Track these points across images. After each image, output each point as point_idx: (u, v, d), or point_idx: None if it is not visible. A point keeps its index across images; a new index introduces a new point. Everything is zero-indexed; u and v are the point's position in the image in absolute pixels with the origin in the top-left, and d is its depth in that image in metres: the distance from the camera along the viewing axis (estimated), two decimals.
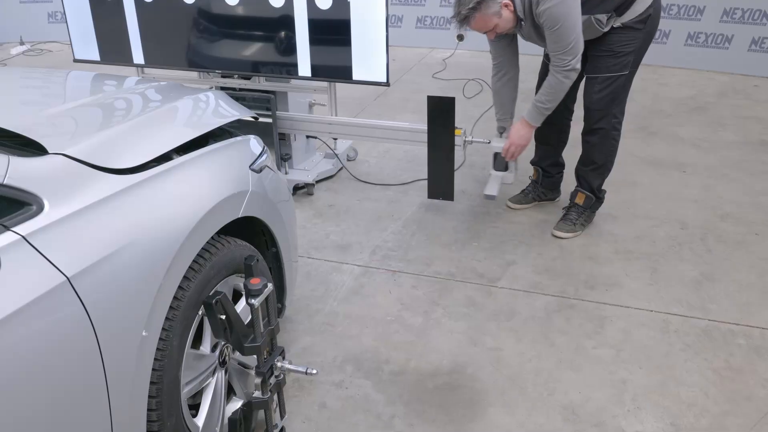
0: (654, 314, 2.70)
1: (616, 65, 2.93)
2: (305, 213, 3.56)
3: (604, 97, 2.99)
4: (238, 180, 1.98)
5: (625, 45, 2.89)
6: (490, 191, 3.23)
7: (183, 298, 1.70)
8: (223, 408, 2.00)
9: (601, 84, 2.97)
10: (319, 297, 2.86)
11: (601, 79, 2.98)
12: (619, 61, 2.92)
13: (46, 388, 1.32)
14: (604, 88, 2.97)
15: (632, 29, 2.86)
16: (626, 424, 2.16)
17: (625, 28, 2.86)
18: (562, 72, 2.83)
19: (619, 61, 2.92)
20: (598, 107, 3.02)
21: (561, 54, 2.79)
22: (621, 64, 2.93)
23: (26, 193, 1.40)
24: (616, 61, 2.92)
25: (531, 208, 3.56)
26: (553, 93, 2.91)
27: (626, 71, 2.97)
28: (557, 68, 2.83)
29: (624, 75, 2.97)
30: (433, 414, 2.23)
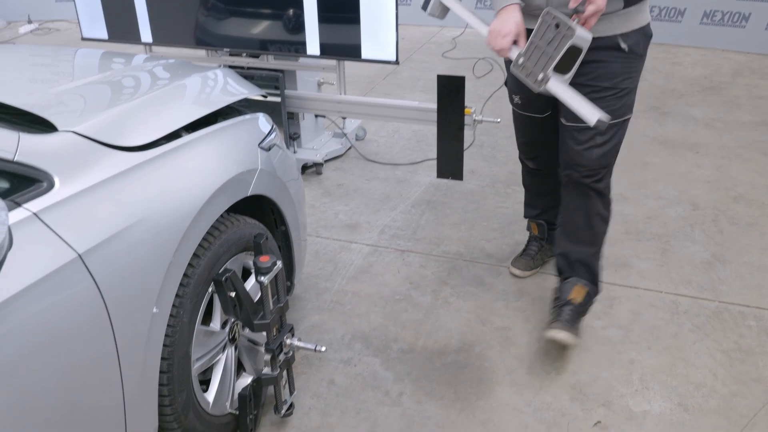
0: (663, 295, 2.69)
1: (622, 108, 2.20)
2: (314, 192, 3.56)
3: (609, 150, 2.25)
4: (247, 158, 1.98)
5: (628, 79, 2.18)
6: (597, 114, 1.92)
7: (193, 275, 1.71)
8: (233, 384, 2.02)
9: (604, 134, 2.21)
10: (327, 276, 2.86)
11: (605, 129, 2.19)
12: (623, 103, 2.19)
13: (59, 364, 1.33)
14: (610, 138, 2.22)
15: (635, 56, 2.15)
16: (634, 404, 2.17)
17: (629, 54, 2.13)
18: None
19: (624, 102, 2.19)
20: (602, 164, 2.26)
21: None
22: (627, 106, 2.22)
23: (37, 170, 1.40)
24: (621, 102, 2.18)
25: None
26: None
27: (631, 113, 2.26)
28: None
29: (629, 118, 2.26)
30: (441, 392, 2.24)
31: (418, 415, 2.15)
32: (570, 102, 1.96)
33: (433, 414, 2.15)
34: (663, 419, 2.10)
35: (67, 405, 1.36)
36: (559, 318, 2.33)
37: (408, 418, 2.14)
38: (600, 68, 2.13)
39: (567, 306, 2.35)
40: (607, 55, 2.12)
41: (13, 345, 1.22)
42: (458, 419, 2.13)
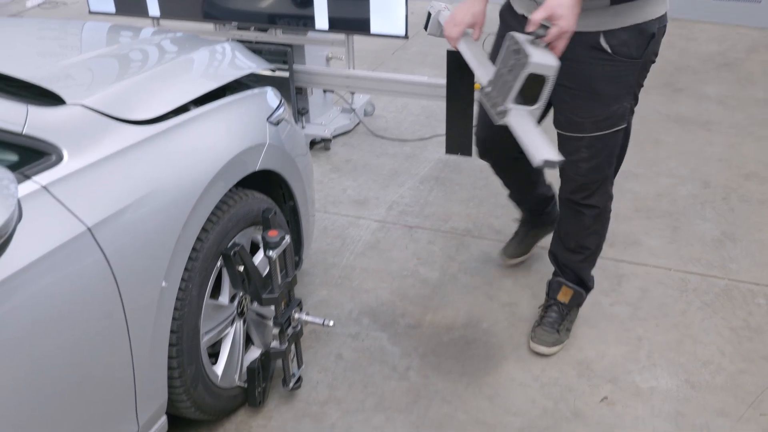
0: (673, 273, 2.68)
1: (611, 118, 1.91)
2: (322, 168, 3.56)
3: (599, 164, 2.00)
4: (256, 132, 1.97)
5: (617, 83, 1.86)
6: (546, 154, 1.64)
7: (201, 249, 1.72)
8: (241, 357, 2.03)
9: (591, 147, 1.96)
10: (335, 251, 2.87)
11: (590, 141, 1.95)
12: (612, 111, 1.90)
13: (69, 336, 1.34)
14: (597, 152, 1.97)
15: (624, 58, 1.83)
16: (641, 380, 2.17)
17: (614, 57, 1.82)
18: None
19: (613, 110, 1.90)
20: (592, 179, 2.05)
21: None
22: (617, 116, 1.92)
23: (45, 143, 1.40)
24: (608, 110, 1.90)
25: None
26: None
27: (623, 123, 1.96)
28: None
29: (621, 129, 1.98)
30: (449, 366, 2.25)
31: (425, 389, 2.16)
32: (521, 136, 1.69)
33: (440, 388, 2.16)
34: (670, 395, 2.11)
35: (77, 377, 1.38)
36: (542, 322, 2.29)
37: (415, 392, 2.15)
38: (577, 68, 1.85)
39: (554, 306, 2.31)
40: (587, 55, 1.83)
41: (23, 317, 1.23)
42: (465, 394, 2.14)
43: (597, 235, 2.21)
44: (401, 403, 2.11)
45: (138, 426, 1.61)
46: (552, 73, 1.68)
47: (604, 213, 2.17)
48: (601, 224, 2.20)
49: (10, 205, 1.07)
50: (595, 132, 1.93)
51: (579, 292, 2.28)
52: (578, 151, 1.97)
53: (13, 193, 1.10)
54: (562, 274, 2.29)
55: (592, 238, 2.21)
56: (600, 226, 2.20)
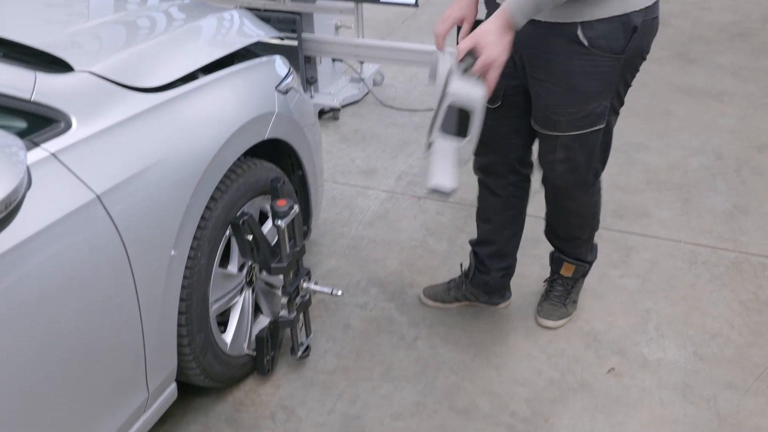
0: (682, 245, 2.67)
1: (589, 116, 1.76)
2: (330, 138, 3.54)
3: (576, 165, 1.87)
4: (264, 101, 1.96)
5: (594, 81, 1.71)
6: (439, 180, 1.63)
7: (210, 218, 1.72)
8: (250, 326, 2.05)
9: (566, 147, 1.83)
10: (344, 221, 2.87)
11: (567, 140, 1.82)
12: (590, 110, 1.74)
13: (79, 304, 1.35)
14: (573, 153, 1.84)
15: (604, 53, 1.67)
16: (648, 352, 2.17)
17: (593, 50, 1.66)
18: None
19: (591, 109, 1.74)
20: (569, 181, 1.92)
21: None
22: (595, 115, 1.76)
23: (54, 110, 1.39)
24: (586, 109, 1.74)
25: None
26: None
27: (602, 124, 1.79)
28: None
29: (600, 129, 1.81)
30: (456, 337, 2.26)
31: (432, 359, 2.17)
32: (432, 160, 1.64)
33: (447, 358, 2.17)
34: (677, 367, 2.11)
35: (88, 344, 1.39)
36: (548, 296, 2.30)
37: (423, 362, 2.16)
38: (553, 62, 1.72)
39: (558, 280, 2.29)
40: (563, 48, 1.68)
41: (33, 284, 1.24)
42: (472, 364, 2.15)
43: (584, 227, 2.14)
44: (409, 373, 2.12)
45: (148, 392, 1.62)
46: (476, 105, 1.60)
47: (588, 208, 2.08)
48: (588, 217, 2.12)
49: (19, 172, 1.06)
50: (571, 131, 1.79)
51: (581, 265, 2.25)
52: (554, 151, 1.86)
53: (22, 160, 1.09)
54: (560, 250, 2.26)
55: (581, 231, 2.15)
56: (587, 219, 2.12)
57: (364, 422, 1.95)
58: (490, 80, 1.60)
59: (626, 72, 1.76)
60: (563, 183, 1.94)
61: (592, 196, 2.05)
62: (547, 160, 1.89)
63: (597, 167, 1.96)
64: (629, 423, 1.93)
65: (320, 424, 1.95)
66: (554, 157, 1.87)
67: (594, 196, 2.06)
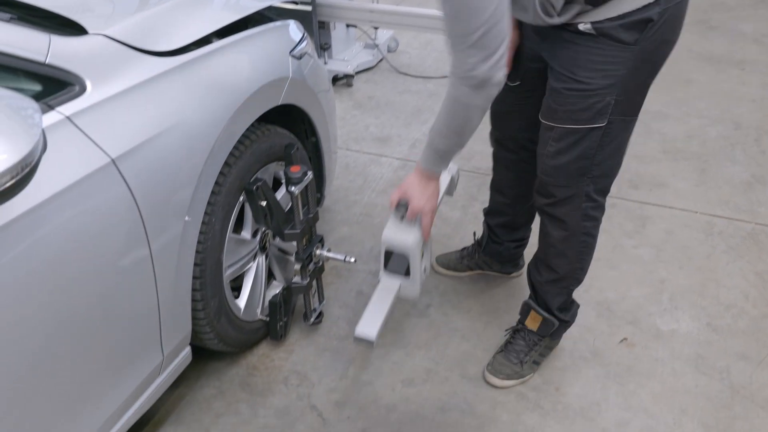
0: (699, 216, 2.64)
1: (587, 111, 1.59)
2: (344, 104, 3.52)
3: (565, 164, 1.68)
4: (278, 66, 1.94)
5: (601, 71, 1.54)
6: (362, 330, 1.75)
7: (224, 183, 1.72)
8: (263, 291, 2.06)
9: (559, 141, 1.67)
10: (357, 188, 2.86)
11: (560, 133, 1.66)
12: (590, 104, 1.58)
13: (95, 267, 1.36)
14: (565, 149, 1.67)
15: (614, 42, 1.50)
16: (661, 323, 2.17)
17: (600, 39, 1.51)
18: (462, 84, 1.48)
19: (591, 103, 1.58)
20: (556, 180, 1.73)
21: (461, 48, 1.42)
22: (594, 110, 1.58)
23: (68, 73, 1.38)
24: (585, 102, 1.58)
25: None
26: (451, 122, 1.59)
27: (602, 122, 1.60)
28: (455, 78, 1.49)
29: (599, 128, 1.61)
30: (468, 305, 2.26)
31: (444, 326, 2.18)
32: (369, 304, 1.79)
33: (459, 326, 2.18)
34: (690, 338, 2.11)
35: (103, 307, 1.40)
36: (506, 348, 2.02)
37: (435, 329, 2.17)
38: (559, 49, 1.60)
39: (521, 332, 2.02)
40: (569, 36, 1.55)
41: (49, 247, 1.24)
42: (484, 332, 2.16)
43: (565, 258, 1.85)
44: (421, 340, 2.13)
45: (163, 356, 1.64)
46: (408, 250, 1.74)
47: (576, 237, 1.80)
48: (572, 249, 1.83)
49: (34, 135, 1.06)
50: (565, 124, 1.63)
51: (549, 320, 1.94)
52: (546, 144, 1.71)
53: (37, 123, 1.09)
54: (533, 295, 1.99)
55: (559, 261, 1.86)
56: (570, 250, 1.83)
57: (375, 388, 1.97)
58: (425, 225, 1.74)
59: (643, 67, 1.55)
60: (549, 180, 1.74)
61: (584, 219, 1.77)
62: (540, 152, 1.74)
63: (596, 180, 1.71)
64: (641, 392, 1.93)
65: (332, 389, 1.97)
66: (545, 150, 1.71)
67: (586, 222, 1.78)
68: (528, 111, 1.83)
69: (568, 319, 1.98)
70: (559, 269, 1.87)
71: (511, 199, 2.13)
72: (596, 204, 1.76)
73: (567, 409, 1.89)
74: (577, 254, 1.84)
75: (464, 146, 1.65)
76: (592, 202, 1.74)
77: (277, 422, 1.87)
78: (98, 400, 1.46)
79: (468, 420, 1.87)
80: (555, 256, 1.86)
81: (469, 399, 1.93)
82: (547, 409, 1.89)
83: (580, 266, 1.88)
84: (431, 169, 1.68)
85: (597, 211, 1.78)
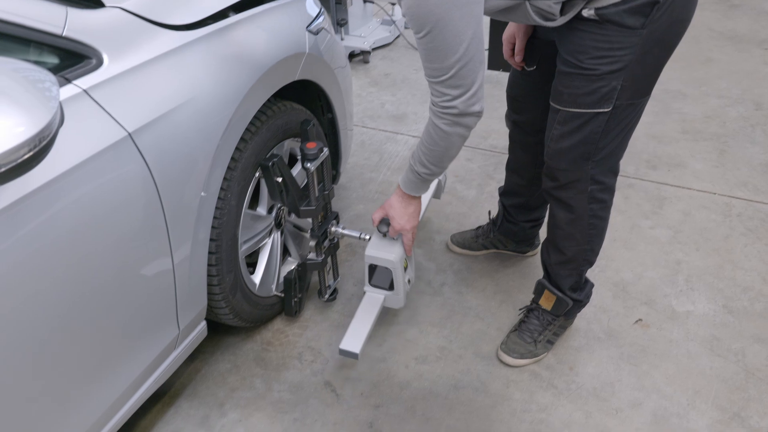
0: (717, 197, 2.62)
1: (591, 95, 1.56)
2: (360, 81, 3.50)
3: (568, 148, 1.67)
4: (295, 41, 1.92)
5: (606, 57, 1.50)
6: (347, 344, 1.87)
7: (240, 159, 1.71)
8: (278, 267, 2.06)
9: (563, 124, 1.65)
10: (373, 166, 2.85)
11: (565, 117, 1.64)
12: (594, 88, 1.55)
13: (112, 241, 1.36)
14: (569, 132, 1.65)
15: (619, 27, 1.46)
16: (677, 304, 2.16)
17: (605, 25, 1.47)
18: (441, 115, 1.53)
19: (596, 87, 1.55)
20: (559, 164, 1.71)
21: (437, 82, 1.48)
22: (599, 95, 1.55)
23: (85, 46, 1.38)
24: (590, 86, 1.55)
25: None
26: (433, 148, 1.62)
27: (607, 107, 1.57)
28: (434, 107, 1.55)
29: (605, 113, 1.59)
30: (483, 284, 2.26)
31: (458, 305, 2.18)
32: (354, 318, 1.93)
33: (473, 305, 2.18)
34: (706, 320, 2.09)
35: (120, 280, 1.41)
36: (520, 327, 2.02)
37: (449, 307, 2.17)
38: (566, 35, 1.56)
39: (535, 312, 2.03)
40: (575, 22, 1.52)
41: (66, 220, 1.25)
42: (498, 311, 2.16)
43: (573, 240, 1.83)
44: (435, 318, 2.14)
45: (179, 330, 1.66)
46: (390, 265, 1.89)
47: (583, 220, 1.78)
48: (580, 231, 1.81)
49: (52, 107, 1.06)
50: (570, 107, 1.61)
51: (562, 299, 1.94)
52: (552, 127, 1.69)
53: (55, 96, 1.09)
54: (546, 275, 1.99)
55: (567, 243, 1.85)
56: (578, 233, 1.82)
57: (389, 365, 1.98)
58: (406, 243, 1.89)
59: (653, 50, 1.50)
60: (552, 164, 1.73)
61: (590, 201, 1.75)
62: (547, 135, 1.72)
63: (601, 162, 1.69)
64: (654, 373, 1.93)
65: (346, 366, 1.98)
66: (550, 133, 1.69)
67: (593, 204, 1.76)
68: (545, 95, 1.78)
69: (581, 299, 1.97)
70: (567, 251, 1.86)
71: (527, 181, 2.12)
72: (603, 186, 1.74)
73: (580, 389, 1.89)
74: (586, 236, 1.82)
75: (445, 170, 1.73)
76: (598, 185, 1.73)
77: (290, 397, 1.89)
78: (115, 372, 1.47)
79: (481, 398, 1.87)
80: (563, 238, 1.85)
81: (483, 377, 1.93)
82: (561, 389, 1.89)
83: (590, 248, 1.86)
84: (410, 191, 1.78)
85: (605, 193, 1.76)
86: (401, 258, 1.90)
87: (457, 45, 1.39)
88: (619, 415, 1.81)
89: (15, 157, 1.01)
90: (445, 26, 1.37)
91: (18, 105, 1.03)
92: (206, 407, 1.86)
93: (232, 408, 1.85)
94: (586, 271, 1.93)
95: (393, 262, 1.88)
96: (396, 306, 2.01)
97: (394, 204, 1.83)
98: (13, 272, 1.15)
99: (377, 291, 1.98)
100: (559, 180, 1.74)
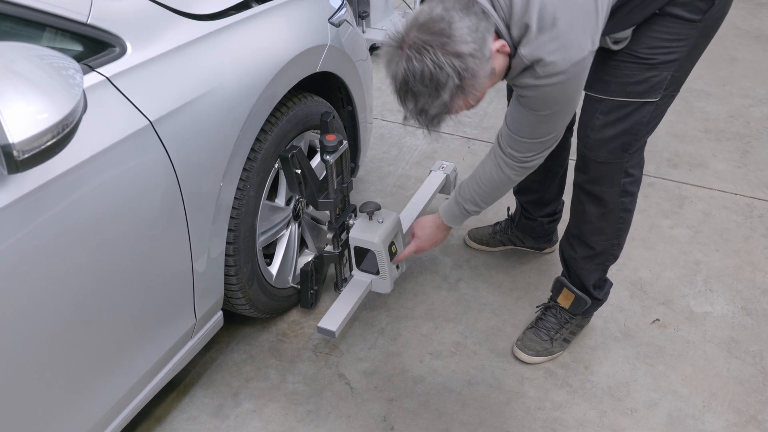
0: (738, 198, 2.58)
1: (642, 84, 1.55)
2: (381, 74, 3.48)
3: (611, 138, 1.65)
4: (317, 33, 1.92)
5: (664, 47, 1.51)
6: (326, 323, 1.91)
7: (260, 150, 1.72)
8: (295, 259, 2.07)
9: (607, 114, 1.62)
10: (391, 159, 2.85)
11: (610, 106, 1.61)
12: (646, 77, 1.54)
13: (131, 228, 1.37)
14: (612, 122, 1.62)
15: (680, 20, 1.47)
16: (695, 305, 2.14)
17: (667, 17, 1.48)
18: (515, 166, 1.65)
19: (648, 76, 1.54)
20: (598, 154, 1.69)
21: (528, 141, 1.58)
22: (650, 84, 1.55)
23: (109, 34, 1.38)
24: (642, 75, 1.54)
25: None
26: (491, 190, 1.75)
27: (656, 97, 1.57)
28: (511, 160, 1.64)
29: (651, 103, 1.58)
30: (499, 280, 2.25)
31: (474, 301, 2.18)
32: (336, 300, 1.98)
33: (489, 301, 2.17)
34: (724, 321, 2.07)
35: (138, 268, 1.42)
36: (536, 325, 2.01)
37: (465, 303, 2.17)
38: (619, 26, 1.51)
39: (552, 309, 2.01)
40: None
41: (87, 207, 1.25)
42: (514, 308, 2.15)
43: (603, 234, 1.82)
44: (450, 313, 2.13)
45: (195, 319, 1.66)
46: (374, 247, 1.91)
47: (614, 213, 1.78)
48: (610, 225, 1.81)
49: (76, 95, 1.07)
50: (619, 96, 1.58)
51: (582, 298, 1.93)
52: (592, 118, 1.65)
53: (78, 83, 1.09)
54: (565, 272, 1.98)
55: (596, 237, 1.83)
56: (608, 227, 1.81)
57: (403, 359, 1.98)
58: (407, 251, 1.98)
59: (701, 42, 1.55)
60: (590, 155, 1.70)
61: (622, 195, 1.75)
62: (584, 125, 1.69)
63: (634, 155, 1.69)
64: (671, 374, 1.91)
65: (360, 359, 1.98)
66: (592, 123, 1.66)
67: (624, 197, 1.76)
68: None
69: (600, 298, 1.96)
70: (596, 245, 1.85)
71: (540, 176, 2.05)
72: (634, 179, 1.75)
73: (595, 388, 1.88)
74: (615, 230, 1.82)
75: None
76: (629, 177, 1.73)
77: (305, 389, 1.89)
78: (132, 359, 1.49)
79: (495, 394, 1.87)
80: (592, 233, 1.84)
81: (497, 374, 1.93)
82: (576, 387, 1.88)
83: (618, 242, 1.86)
84: (452, 225, 1.91)
85: (634, 185, 1.77)
86: (384, 240, 1.92)
87: (572, 112, 1.53)
88: (633, 415, 1.80)
89: (38, 143, 1.02)
90: (569, 104, 1.49)
91: (42, 92, 1.04)
92: (221, 397, 1.87)
93: (247, 398, 1.86)
94: (610, 266, 1.93)
95: (376, 244, 1.91)
96: (383, 291, 2.03)
97: (426, 226, 1.96)
98: (34, 257, 1.16)
99: (364, 275, 2.03)
100: (594, 172, 1.73)
